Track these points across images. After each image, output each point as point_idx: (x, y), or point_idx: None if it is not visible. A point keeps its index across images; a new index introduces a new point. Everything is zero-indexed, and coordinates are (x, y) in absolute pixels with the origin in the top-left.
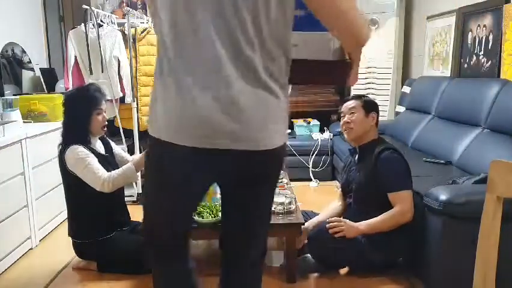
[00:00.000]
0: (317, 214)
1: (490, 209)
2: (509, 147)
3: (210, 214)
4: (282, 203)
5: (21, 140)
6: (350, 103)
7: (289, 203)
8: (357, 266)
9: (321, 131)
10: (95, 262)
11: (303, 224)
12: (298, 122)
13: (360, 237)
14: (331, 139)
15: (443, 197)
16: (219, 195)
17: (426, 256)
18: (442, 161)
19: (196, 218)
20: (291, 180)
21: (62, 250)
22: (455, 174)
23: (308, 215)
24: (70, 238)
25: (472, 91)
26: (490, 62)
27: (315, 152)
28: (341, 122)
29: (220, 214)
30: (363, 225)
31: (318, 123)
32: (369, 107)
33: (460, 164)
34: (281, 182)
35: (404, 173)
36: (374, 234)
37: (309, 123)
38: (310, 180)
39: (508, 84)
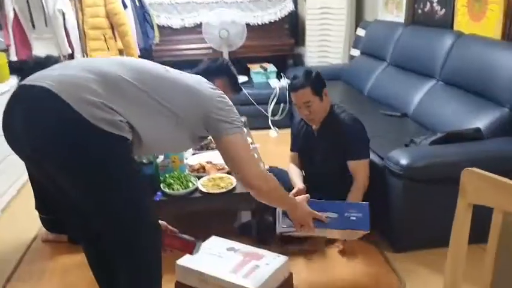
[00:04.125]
0: (284, 171)
1: (461, 214)
2: (462, 102)
3: (180, 185)
4: None
5: None
6: (300, 95)
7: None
8: None
9: (278, 76)
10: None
11: None
12: (255, 69)
13: None
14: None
15: (403, 161)
16: (185, 162)
17: (389, 216)
18: (398, 114)
19: (166, 190)
20: (250, 129)
21: (26, 221)
22: (411, 128)
23: (276, 174)
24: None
25: (427, 42)
26: (443, 11)
27: (274, 101)
28: (297, 110)
29: (190, 185)
30: None
31: (275, 69)
32: (319, 87)
33: (415, 117)
34: None
35: (366, 141)
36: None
37: (265, 69)
38: (270, 128)
39: (462, 38)
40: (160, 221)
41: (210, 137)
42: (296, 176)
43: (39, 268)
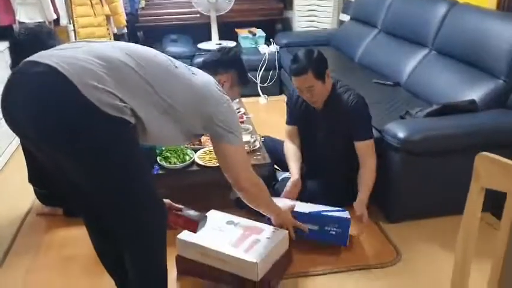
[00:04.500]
0: (277, 141)
1: (473, 197)
2: (456, 72)
3: (177, 159)
4: (247, 142)
5: None
6: (302, 80)
7: (254, 141)
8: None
9: (267, 42)
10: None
11: (271, 165)
12: (243, 34)
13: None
14: (278, 52)
15: (401, 134)
16: None
17: (385, 188)
18: (391, 83)
19: (163, 163)
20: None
21: (19, 193)
22: (404, 98)
23: (268, 144)
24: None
25: (420, 9)
26: None
27: (263, 67)
28: (298, 92)
29: (187, 158)
30: (364, 198)
31: (264, 34)
32: (321, 70)
33: (408, 86)
34: (239, 111)
35: (370, 121)
36: (337, 178)
37: (254, 34)
38: (259, 95)
39: (456, 7)
40: (164, 200)
41: None
42: (293, 160)
43: (35, 242)
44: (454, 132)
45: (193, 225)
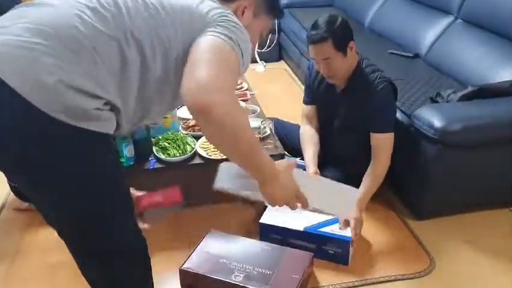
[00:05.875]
0: (287, 125)
1: None
2: (486, 45)
3: (176, 149)
4: (256, 128)
5: None
6: (319, 49)
7: (265, 127)
8: None
9: None
10: None
11: (283, 157)
12: None
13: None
14: None
15: (438, 123)
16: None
17: (416, 182)
18: (410, 54)
19: (161, 155)
20: None
21: None
22: (427, 73)
23: (277, 129)
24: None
25: None
26: None
27: None
28: (315, 65)
29: (188, 148)
30: (365, 197)
31: None
32: (343, 40)
33: (429, 59)
34: (241, 87)
35: (395, 111)
36: (357, 169)
37: None
38: (256, 62)
39: None
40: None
41: None
42: (309, 146)
43: (13, 244)
44: (499, 121)
45: (175, 193)
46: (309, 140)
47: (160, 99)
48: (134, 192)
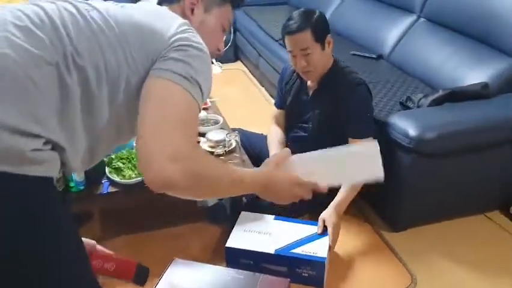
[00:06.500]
0: (252, 135)
1: None
2: (450, 44)
3: (132, 170)
4: (221, 141)
5: None
6: (297, 39)
7: (230, 140)
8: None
9: None
10: None
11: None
12: None
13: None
14: None
15: (413, 132)
16: None
17: (391, 193)
18: (373, 55)
19: (115, 177)
20: None
21: None
22: (393, 76)
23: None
24: None
25: None
26: None
27: None
28: (291, 60)
29: None
30: (343, 203)
31: None
32: (322, 32)
33: (392, 60)
34: None
35: (372, 114)
36: None
37: None
38: (212, 63)
39: None
40: (86, 240)
41: None
42: (274, 145)
43: None
44: (474, 126)
45: (130, 268)
46: (275, 139)
47: (112, 136)
48: (91, 246)
